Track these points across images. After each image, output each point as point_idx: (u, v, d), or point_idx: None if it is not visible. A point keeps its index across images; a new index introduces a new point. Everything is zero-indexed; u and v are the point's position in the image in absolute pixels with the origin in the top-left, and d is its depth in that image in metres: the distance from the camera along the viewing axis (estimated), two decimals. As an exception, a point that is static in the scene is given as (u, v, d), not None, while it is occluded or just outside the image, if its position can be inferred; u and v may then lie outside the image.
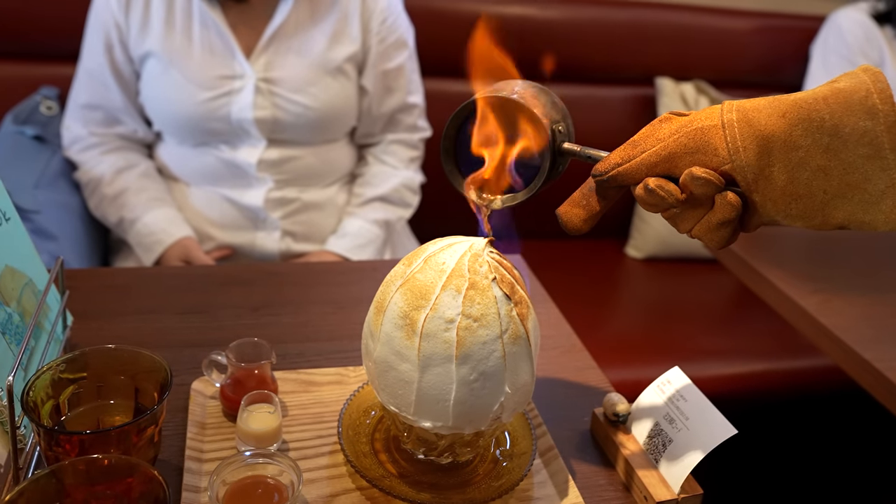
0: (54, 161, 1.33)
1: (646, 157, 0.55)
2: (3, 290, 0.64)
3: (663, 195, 0.54)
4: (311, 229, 1.37)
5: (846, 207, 0.51)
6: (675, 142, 0.54)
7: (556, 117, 0.61)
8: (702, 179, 0.52)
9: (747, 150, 0.51)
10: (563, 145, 0.61)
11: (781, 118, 0.51)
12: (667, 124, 0.55)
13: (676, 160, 0.54)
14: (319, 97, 1.28)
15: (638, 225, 1.94)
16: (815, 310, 1.06)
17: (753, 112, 0.52)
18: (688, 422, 0.69)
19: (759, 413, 1.62)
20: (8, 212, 0.69)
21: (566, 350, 0.90)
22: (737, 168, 0.52)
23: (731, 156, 0.52)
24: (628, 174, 0.56)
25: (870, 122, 0.49)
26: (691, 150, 0.53)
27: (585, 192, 0.59)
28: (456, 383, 0.59)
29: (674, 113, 0.56)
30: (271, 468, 0.63)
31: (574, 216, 0.60)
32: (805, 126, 0.50)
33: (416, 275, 0.60)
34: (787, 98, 0.52)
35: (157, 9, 1.24)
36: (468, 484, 0.66)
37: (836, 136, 0.49)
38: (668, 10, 1.94)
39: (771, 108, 0.51)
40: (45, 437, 0.56)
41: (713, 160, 0.52)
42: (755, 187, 0.52)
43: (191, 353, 0.79)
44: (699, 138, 0.53)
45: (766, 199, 0.52)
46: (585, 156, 0.60)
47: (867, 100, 0.49)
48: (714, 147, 0.52)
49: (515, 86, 0.61)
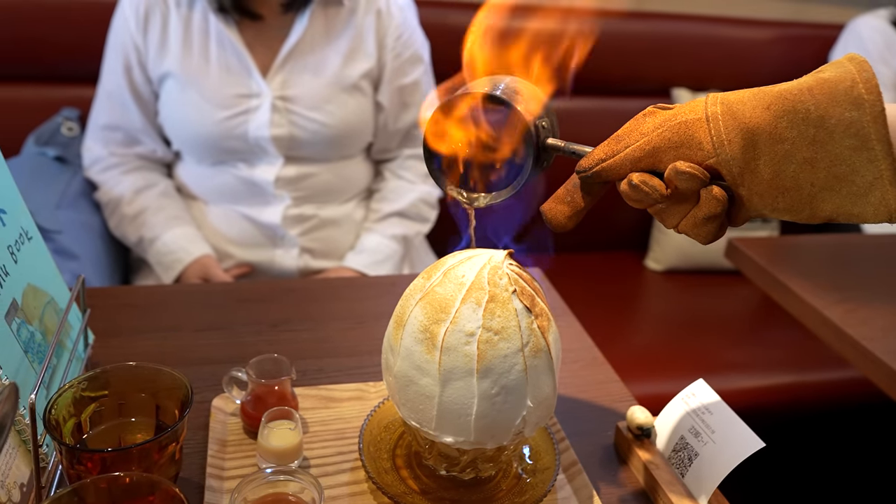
0: (75, 181, 1.34)
1: (629, 152, 0.54)
2: (25, 309, 0.65)
3: (647, 191, 0.53)
4: (329, 246, 1.37)
5: (834, 200, 0.50)
6: (658, 136, 0.52)
7: (540, 113, 0.60)
8: (686, 174, 0.51)
9: (732, 143, 0.50)
10: (547, 141, 0.60)
11: (766, 110, 0.49)
12: (651, 118, 0.54)
13: (661, 155, 0.53)
14: (336, 114, 1.29)
15: (657, 237, 1.93)
16: (840, 320, 1.05)
17: (738, 105, 0.51)
18: (714, 435, 0.67)
19: (785, 426, 1.60)
20: (30, 231, 0.70)
21: (588, 363, 0.89)
22: (722, 162, 0.51)
23: (716, 149, 0.51)
24: (612, 170, 0.55)
25: (855, 112, 0.47)
26: (675, 144, 0.52)
27: (570, 188, 0.58)
28: (477, 397, 0.58)
29: (658, 106, 0.55)
30: (293, 485, 0.62)
31: (558, 213, 0.58)
32: (790, 118, 0.49)
33: (436, 288, 0.60)
34: (772, 89, 0.50)
35: (174, 30, 1.26)
36: (491, 500, 0.65)
37: (822, 127, 0.48)
38: (684, 21, 1.93)
39: (756, 101, 0.50)
40: (67, 455, 0.55)
41: (698, 154, 0.51)
42: (741, 181, 0.51)
43: (211, 370, 0.79)
44: (683, 132, 0.52)
45: (753, 192, 0.51)
46: (570, 151, 0.59)
47: (852, 90, 0.48)
48: (698, 141, 0.51)
49: (499, 82, 0.61)
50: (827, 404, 1.53)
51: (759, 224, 1.92)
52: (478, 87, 0.60)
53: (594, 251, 2.00)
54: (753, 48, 1.95)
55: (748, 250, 1.23)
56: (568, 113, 1.85)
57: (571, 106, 1.83)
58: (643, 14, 1.93)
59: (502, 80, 0.61)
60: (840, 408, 1.54)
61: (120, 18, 1.28)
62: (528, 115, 0.59)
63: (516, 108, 0.58)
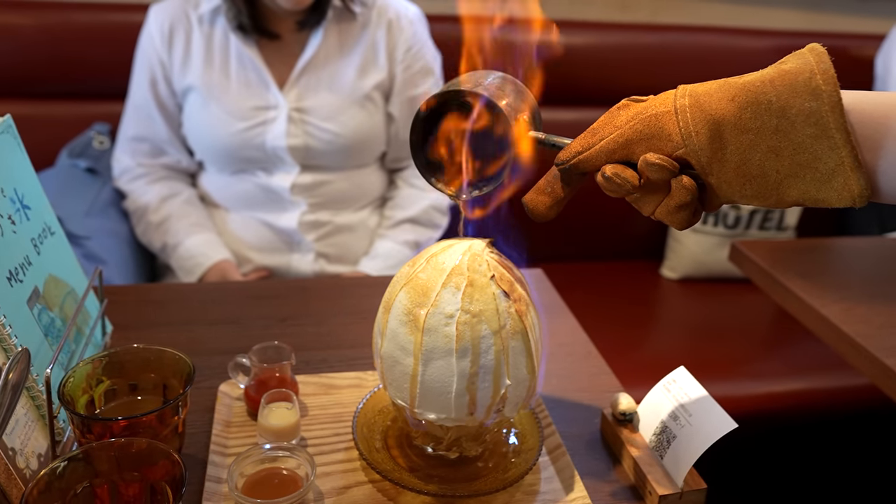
0: (104, 191, 1.42)
1: (604, 144, 0.56)
2: (46, 297, 0.70)
3: (620, 182, 0.55)
4: (343, 251, 1.42)
5: (799, 186, 0.52)
6: (630, 129, 0.55)
7: (521, 107, 0.63)
8: (656, 165, 0.53)
9: (699, 134, 0.52)
10: (528, 134, 0.62)
11: (731, 102, 0.52)
12: (624, 111, 0.56)
13: (633, 146, 0.55)
14: (348, 125, 1.34)
15: (673, 245, 1.95)
16: (837, 318, 1.06)
17: (705, 97, 0.53)
18: (691, 418, 0.70)
19: (799, 433, 1.60)
20: (53, 226, 0.76)
21: (581, 357, 0.92)
22: (690, 152, 0.53)
23: (685, 140, 0.53)
24: (588, 162, 0.57)
25: (814, 102, 0.49)
26: (647, 136, 0.54)
27: (550, 179, 0.60)
28: (457, 376, 0.62)
29: (631, 99, 0.57)
30: (288, 461, 0.67)
31: (539, 203, 0.61)
32: (753, 109, 0.51)
33: (419, 274, 0.64)
34: (737, 81, 0.53)
35: (197, 46, 1.33)
36: (476, 477, 0.69)
37: (784, 117, 0.50)
38: (696, 33, 1.96)
39: (721, 92, 0.52)
40: (79, 424, 0.61)
41: (667, 145, 0.54)
42: (709, 170, 0.53)
43: (220, 359, 0.84)
44: (654, 124, 0.54)
45: (721, 181, 0.53)
46: (550, 143, 0.61)
47: (811, 81, 0.50)
48: (668, 133, 0.53)
49: (480, 77, 0.63)
50: (838, 411, 1.53)
51: (774, 232, 1.93)
52: (461, 85, 0.62)
53: (609, 260, 2.02)
54: (765, 58, 1.93)
55: (750, 253, 1.25)
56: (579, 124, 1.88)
57: (584, 117, 1.86)
58: (655, 26, 1.97)
59: (486, 77, 0.64)
60: (851, 414, 1.53)
61: (146, 36, 1.35)
62: (509, 110, 0.61)
63: (498, 103, 0.61)
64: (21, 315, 0.65)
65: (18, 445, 0.60)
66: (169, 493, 0.56)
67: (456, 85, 0.62)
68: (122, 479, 0.58)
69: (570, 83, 1.84)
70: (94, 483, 0.57)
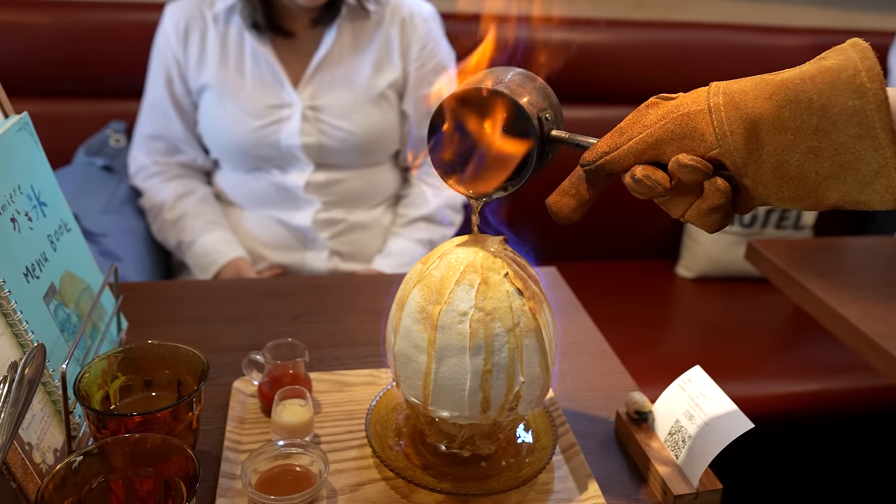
0: (121, 189, 1.43)
1: (632, 144, 0.54)
2: (62, 293, 0.71)
3: (650, 185, 0.53)
4: (357, 249, 1.42)
5: (839, 188, 0.49)
6: (661, 128, 0.53)
7: (543, 105, 0.61)
8: (689, 167, 0.51)
9: (734, 134, 0.50)
10: (551, 133, 0.60)
11: (768, 100, 0.49)
12: (653, 110, 0.54)
13: (664, 147, 0.53)
14: (362, 123, 1.34)
15: (688, 244, 1.93)
16: (855, 318, 1.05)
17: (740, 94, 0.51)
18: (706, 417, 0.70)
19: (816, 433, 1.58)
20: (69, 223, 0.76)
21: (595, 355, 0.92)
22: (725, 153, 0.51)
23: (719, 141, 0.51)
24: (616, 162, 0.55)
25: (858, 101, 0.47)
26: (678, 136, 0.52)
27: (574, 180, 0.59)
28: (470, 373, 0.62)
29: (661, 97, 0.55)
30: (301, 458, 0.67)
31: (564, 206, 0.59)
32: (793, 107, 0.49)
33: (433, 271, 0.64)
34: (775, 78, 0.50)
35: (212, 45, 1.33)
36: (489, 476, 0.69)
37: (825, 116, 0.48)
38: (712, 30, 1.94)
39: (758, 90, 0.50)
40: (94, 419, 0.61)
41: (701, 146, 0.52)
42: (745, 171, 0.51)
43: (234, 356, 0.85)
44: (686, 124, 0.52)
45: (757, 182, 0.51)
46: (574, 143, 0.59)
47: (855, 78, 0.47)
48: (701, 132, 0.51)
49: (501, 75, 0.61)
50: (858, 411, 1.52)
51: (790, 231, 1.91)
52: (481, 82, 0.61)
53: (625, 259, 2.01)
54: (785, 56, 1.92)
55: (767, 252, 1.24)
56: (595, 122, 1.88)
57: (599, 115, 1.86)
58: (670, 23, 1.95)
59: (507, 74, 0.62)
60: (871, 415, 1.52)
61: (162, 35, 1.36)
62: (531, 108, 0.59)
63: (519, 101, 0.59)
64: (37, 311, 0.65)
65: (35, 440, 0.61)
66: (183, 488, 0.56)
67: (476, 82, 0.61)
68: (137, 475, 0.58)
69: (584, 81, 1.83)
70: (109, 478, 0.58)
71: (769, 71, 0.52)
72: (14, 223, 0.65)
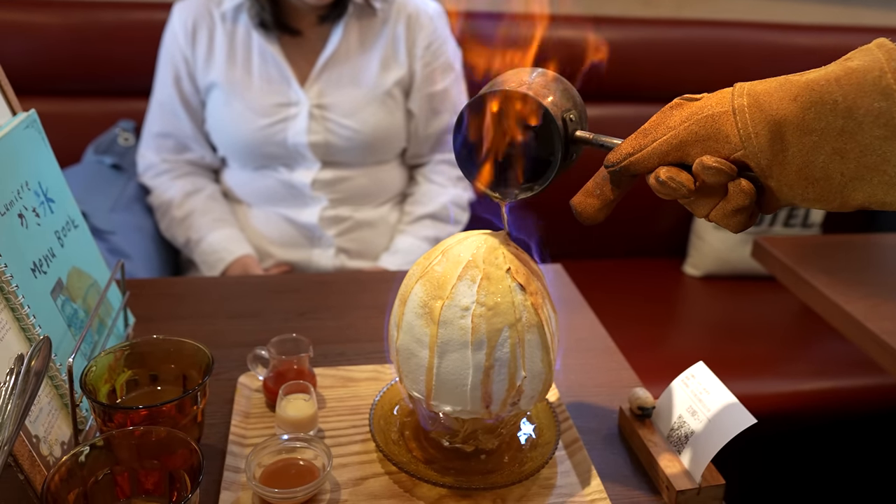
0: (129, 187, 1.44)
1: (657, 146, 0.54)
2: (70, 289, 0.72)
3: (675, 186, 0.53)
4: (364, 246, 1.43)
5: (865, 189, 0.49)
6: (685, 130, 0.53)
7: (567, 105, 0.61)
8: (713, 169, 0.51)
9: (759, 136, 0.50)
10: (576, 133, 0.61)
11: (793, 102, 0.49)
12: (678, 111, 0.54)
13: (688, 148, 0.53)
14: (368, 121, 1.35)
15: (695, 243, 1.93)
16: (863, 316, 1.05)
17: (765, 96, 0.50)
18: (709, 413, 0.70)
19: (823, 432, 1.58)
20: (76, 220, 0.77)
21: (600, 352, 0.92)
22: (749, 155, 0.51)
23: (744, 142, 0.51)
24: (640, 164, 0.55)
25: (885, 102, 0.47)
26: (702, 137, 0.52)
27: (599, 181, 0.59)
28: (472, 368, 0.62)
29: (685, 98, 0.55)
30: (305, 452, 0.68)
31: (588, 206, 0.59)
32: (818, 109, 0.48)
33: (435, 267, 0.64)
34: (800, 79, 0.50)
35: (219, 43, 1.34)
36: (492, 471, 0.69)
37: (851, 118, 0.48)
38: (724, 28, 1.93)
39: (782, 91, 0.50)
40: (101, 413, 0.62)
41: (725, 147, 0.52)
42: (769, 173, 0.51)
43: (240, 352, 0.85)
44: (710, 125, 0.52)
45: (782, 184, 0.51)
46: (598, 143, 0.59)
47: (881, 80, 0.47)
48: (725, 134, 0.51)
49: (524, 76, 0.62)
50: (866, 410, 1.51)
51: (799, 229, 1.90)
52: (505, 84, 0.61)
53: (632, 257, 2.00)
54: (798, 54, 1.91)
55: (773, 249, 1.24)
56: (607, 120, 1.87)
57: (610, 113, 1.85)
58: (681, 21, 1.95)
59: (530, 74, 0.62)
60: (878, 414, 1.51)
61: (170, 33, 1.37)
62: (555, 109, 0.60)
63: (543, 102, 0.59)
64: (45, 305, 0.66)
65: (42, 433, 0.62)
66: (187, 481, 0.57)
67: (502, 84, 0.61)
68: (143, 467, 0.59)
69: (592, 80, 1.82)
70: (115, 470, 0.58)
71: (782, 69, 0.52)
72: (22, 219, 0.66)
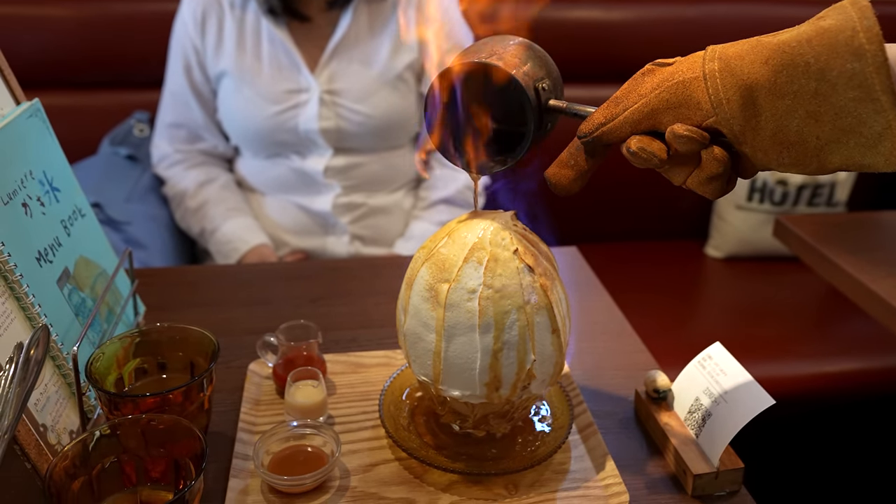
0: (144, 177, 1.44)
1: (628, 114, 0.53)
2: (77, 278, 0.71)
3: (646, 157, 0.52)
4: (378, 233, 1.42)
5: (842, 152, 0.48)
6: (656, 97, 0.52)
7: (540, 74, 0.59)
8: (684, 138, 0.50)
9: (731, 101, 0.49)
10: (549, 102, 0.59)
11: (764, 64, 0.48)
12: (649, 77, 0.53)
13: (659, 116, 0.52)
14: (380, 106, 1.34)
15: (717, 224, 1.90)
16: (889, 294, 1.02)
17: (736, 59, 0.49)
18: (727, 395, 0.68)
19: (848, 412, 1.55)
20: (83, 209, 0.77)
21: (616, 335, 0.90)
22: (721, 121, 0.50)
23: (715, 109, 0.50)
24: (612, 133, 0.54)
25: (857, 63, 0.45)
26: (674, 105, 0.51)
27: (573, 151, 0.57)
28: (480, 352, 0.61)
29: (657, 63, 0.53)
30: (314, 439, 0.67)
31: (563, 177, 0.58)
32: (790, 72, 0.47)
33: (441, 249, 0.63)
34: (771, 41, 0.49)
35: (229, 31, 1.33)
36: (505, 456, 0.68)
37: (824, 80, 0.46)
38: (738, 4, 1.88)
39: (754, 54, 0.49)
40: (107, 401, 0.61)
41: (697, 114, 0.50)
42: (743, 139, 0.50)
43: (251, 339, 0.84)
44: (681, 92, 0.51)
45: (756, 149, 0.50)
46: (572, 112, 0.58)
47: (853, 40, 0.45)
48: (697, 101, 0.50)
49: (497, 44, 0.60)
50: (891, 391, 1.48)
51: (823, 209, 1.86)
52: (475, 53, 0.59)
53: (653, 239, 1.98)
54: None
55: (796, 228, 1.21)
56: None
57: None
58: (694, -1, 1.90)
59: (502, 43, 0.60)
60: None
61: (180, 23, 1.37)
62: (526, 79, 0.58)
63: (513, 73, 0.57)
64: (51, 295, 0.65)
65: (50, 422, 0.61)
66: (192, 469, 0.56)
67: (470, 54, 0.59)
68: (149, 455, 0.58)
69: (609, 59, 1.79)
70: (122, 458, 0.58)
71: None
72: (26, 208, 0.66)
